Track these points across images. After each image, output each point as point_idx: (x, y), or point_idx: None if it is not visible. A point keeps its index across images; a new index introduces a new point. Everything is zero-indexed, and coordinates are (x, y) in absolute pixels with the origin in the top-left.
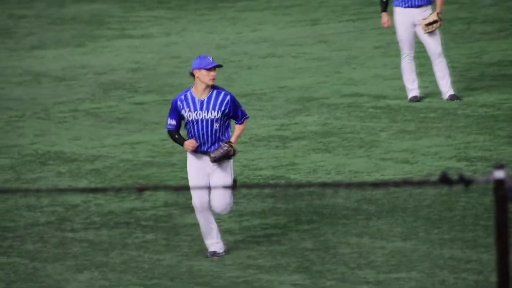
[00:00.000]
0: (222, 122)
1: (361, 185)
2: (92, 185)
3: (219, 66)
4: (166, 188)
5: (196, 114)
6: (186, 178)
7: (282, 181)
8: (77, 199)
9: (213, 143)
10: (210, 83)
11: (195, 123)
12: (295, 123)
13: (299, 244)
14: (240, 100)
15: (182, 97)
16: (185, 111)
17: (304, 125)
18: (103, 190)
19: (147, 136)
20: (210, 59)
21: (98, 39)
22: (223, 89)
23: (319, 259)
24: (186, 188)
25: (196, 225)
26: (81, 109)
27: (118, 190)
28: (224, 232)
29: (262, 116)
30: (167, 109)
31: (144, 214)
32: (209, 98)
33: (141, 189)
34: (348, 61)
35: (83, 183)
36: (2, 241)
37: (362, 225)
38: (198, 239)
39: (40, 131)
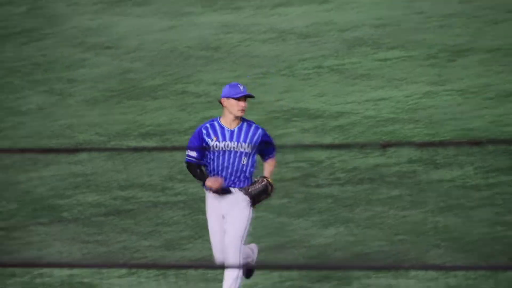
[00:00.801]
0: (250, 157)
1: None
2: (336, 142)
3: (250, 96)
4: (410, 144)
5: (224, 145)
6: (431, 134)
7: None
8: (321, 155)
9: (235, 180)
10: (239, 114)
11: (220, 154)
12: None
13: None
14: (486, 56)
15: (208, 125)
16: (212, 140)
17: None
18: (347, 146)
19: (391, 93)
20: (241, 88)
21: None
22: (253, 122)
23: None
24: (431, 144)
25: (441, 181)
26: (325, 66)
27: (362, 146)
28: (469, 189)
29: (509, 71)
30: (411, 66)
31: (389, 171)
32: (240, 129)
33: (385, 146)
34: None
35: (327, 140)
36: None
37: None
38: (445, 195)
39: (285, 88)
